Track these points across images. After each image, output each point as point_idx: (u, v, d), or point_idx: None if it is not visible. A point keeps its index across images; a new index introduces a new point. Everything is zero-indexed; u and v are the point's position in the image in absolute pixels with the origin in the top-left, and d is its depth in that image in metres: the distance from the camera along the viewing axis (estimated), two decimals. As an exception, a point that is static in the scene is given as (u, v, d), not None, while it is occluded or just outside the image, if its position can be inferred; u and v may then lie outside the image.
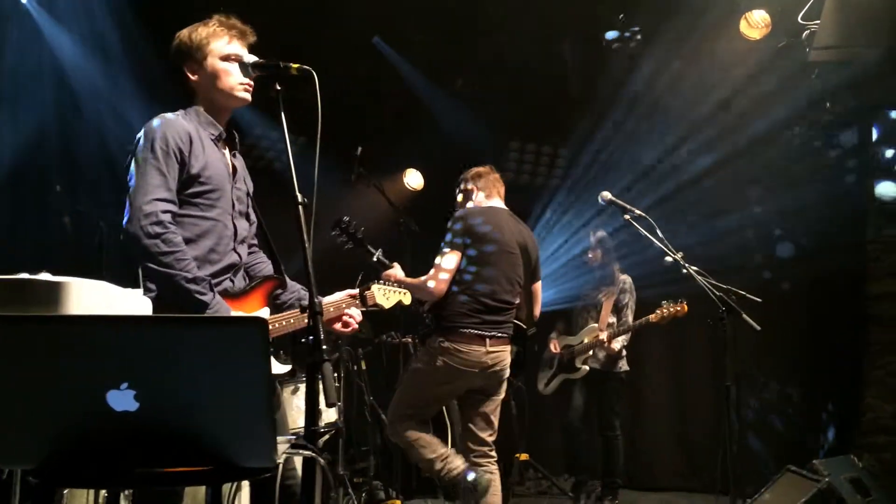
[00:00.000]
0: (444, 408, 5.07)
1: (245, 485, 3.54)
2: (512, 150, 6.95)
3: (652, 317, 5.37)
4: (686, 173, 6.53)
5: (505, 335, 4.10)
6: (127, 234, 2.51)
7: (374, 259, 4.09)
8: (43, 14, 5.39)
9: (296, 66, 2.49)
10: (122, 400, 1.46)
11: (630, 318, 5.63)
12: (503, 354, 4.08)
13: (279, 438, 1.85)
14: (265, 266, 3.00)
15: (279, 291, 2.89)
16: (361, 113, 7.41)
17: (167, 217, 2.53)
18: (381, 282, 3.42)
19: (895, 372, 5.47)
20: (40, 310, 1.74)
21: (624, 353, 5.68)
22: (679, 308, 5.28)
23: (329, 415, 4.72)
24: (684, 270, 4.38)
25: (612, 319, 5.65)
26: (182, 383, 1.48)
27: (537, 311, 4.52)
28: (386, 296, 3.39)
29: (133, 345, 1.45)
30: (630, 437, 6.64)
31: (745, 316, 4.10)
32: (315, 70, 2.48)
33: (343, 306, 2.98)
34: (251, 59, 2.62)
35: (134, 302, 2.02)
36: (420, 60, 6.89)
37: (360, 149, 4.95)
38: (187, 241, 2.59)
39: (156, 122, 2.67)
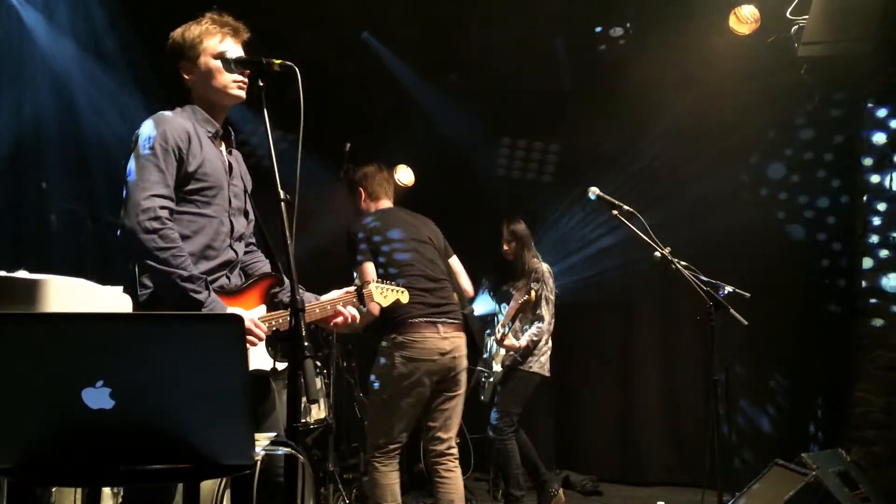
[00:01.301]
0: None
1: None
2: (503, 145, 6.93)
3: (512, 305, 5.28)
4: (677, 165, 6.54)
5: (455, 321, 4.05)
6: (124, 230, 2.53)
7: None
8: (29, 9, 5.36)
9: (278, 61, 2.49)
10: (98, 398, 1.46)
11: (544, 312, 5.34)
12: (458, 341, 4.03)
13: (260, 436, 1.85)
14: (262, 264, 3.01)
15: (276, 289, 2.91)
16: (352, 109, 7.41)
17: (165, 213, 2.55)
18: (379, 280, 3.46)
19: (885, 365, 5.48)
20: (19, 308, 1.74)
21: (539, 349, 5.34)
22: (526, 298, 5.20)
23: (319, 412, 4.71)
24: (678, 266, 4.41)
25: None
26: (157, 380, 1.48)
27: (466, 284, 4.42)
28: (383, 294, 3.42)
29: (107, 342, 1.44)
30: (620, 433, 6.68)
31: (732, 311, 4.12)
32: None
33: (340, 304, 3.01)
34: (234, 54, 2.62)
35: (114, 299, 2.01)
36: (410, 56, 6.88)
37: (348, 145, 4.92)
38: (184, 238, 2.61)
39: (154, 119, 2.68)
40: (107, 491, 3.12)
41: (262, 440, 1.80)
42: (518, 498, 5.20)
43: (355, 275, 4.04)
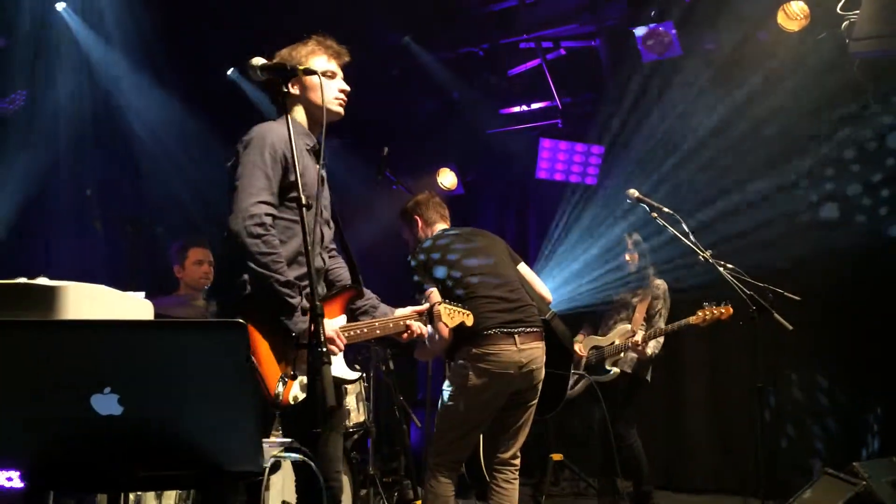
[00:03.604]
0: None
1: (275, 483, 3.58)
2: (544, 146, 6.88)
3: (692, 319, 5.13)
4: (726, 166, 6.41)
5: (533, 329, 3.91)
6: (230, 232, 2.65)
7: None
8: (78, 23, 5.52)
9: (302, 67, 2.55)
10: (107, 404, 1.48)
11: (662, 325, 5.40)
12: (536, 351, 3.89)
13: (273, 441, 1.86)
14: (343, 271, 3.16)
15: (357, 300, 3.08)
16: (394, 113, 7.46)
17: (269, 220, 2.67)
18: (448, 301, 3.56)
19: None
20: (38, 314, 1.77)
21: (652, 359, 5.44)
22: (723, 311, 5.06)
23: (358, 415, 4.72)
24: (721, 270, 4.31)
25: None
26: (165, 387, 1.49)
27: (542, 290, 4.31)
28: (451, 316, 3.53)
29: (114, 349, 1.46)
30: (667, 439, 6.56)
31: (776, 315, 4.00)
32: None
33: (410, 322, 3.16)
34: (259, 61, 2.64)
35: (134, 305, 2.04)
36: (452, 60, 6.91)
37: (385, 149, 4.91)
38: (280, 243, 2.71)
39: (263, 127, 2.81)
40: (149, 494, 3.18)
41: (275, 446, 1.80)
42: (650, 493, 5.33)
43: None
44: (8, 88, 5.27)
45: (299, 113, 2.97)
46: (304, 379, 2.58)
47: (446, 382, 3.98)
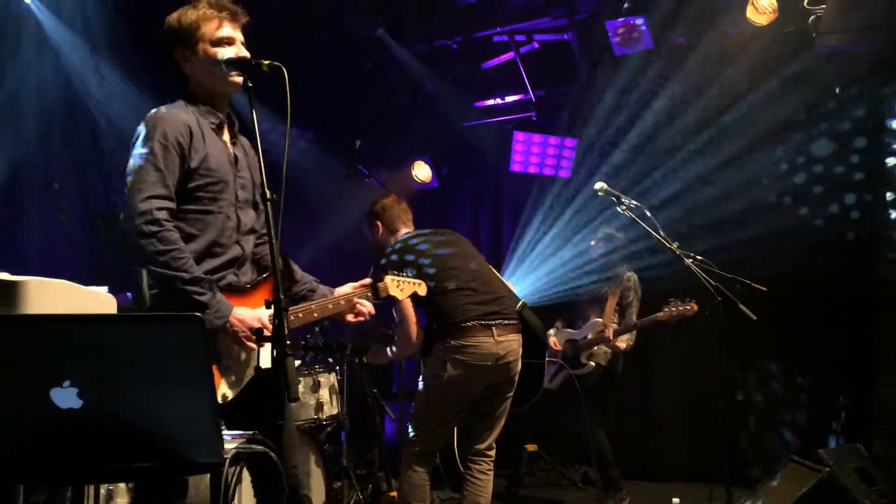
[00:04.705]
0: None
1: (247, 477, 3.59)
2: (518, 139, 6.92)
3: (660, 315, 5.25)
4: (694, 159, 6.47)
5: (511, 322, 3.95)
6: (124, 233, 2.50)
7: None
8: (47, 14, 5.47)
9: (266, 62, 2.50)
10: (66, 397, 1.50)
11: (634, 317, 5.48)
12: (513, 344, 3.93)
13: (234, 433, 1.87)
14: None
15: (287, 284, 2.87)
16: (368, 106, 7.46)
17: (163, 214, 2.49)
18: (395, 272, 3.34)
19: (908, 359, 5.39)
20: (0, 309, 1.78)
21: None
22: (688, 307, 5.17)
23: (331, 408, 4.73)
24: (688, 261, 4.38)
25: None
26: (124, 380, 1.51)
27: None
28: (400, 287, 3.29)
29: (72, 343, 1.47)
30: (638, 429, 6.64)
31: (741, 306, 4.08)
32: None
33: (354, 298, 2.95)
34: (225, 55, 2.63)
35: (97, 299, 2.05)
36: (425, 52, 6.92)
37: (358, 143, 4.92)
38: (190, 236, 2.57)
39: (152, 116, 2.61)
40: (122, 486, 3.18)
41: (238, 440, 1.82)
42: (617, 477, 5.36)
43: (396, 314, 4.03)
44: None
45: (199, 89, 2.73)
46: (233, 376, 2.53)
47: (421, 378, 4.01)
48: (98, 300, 2.08)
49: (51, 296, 1.83)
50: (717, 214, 6.23)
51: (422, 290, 3.43)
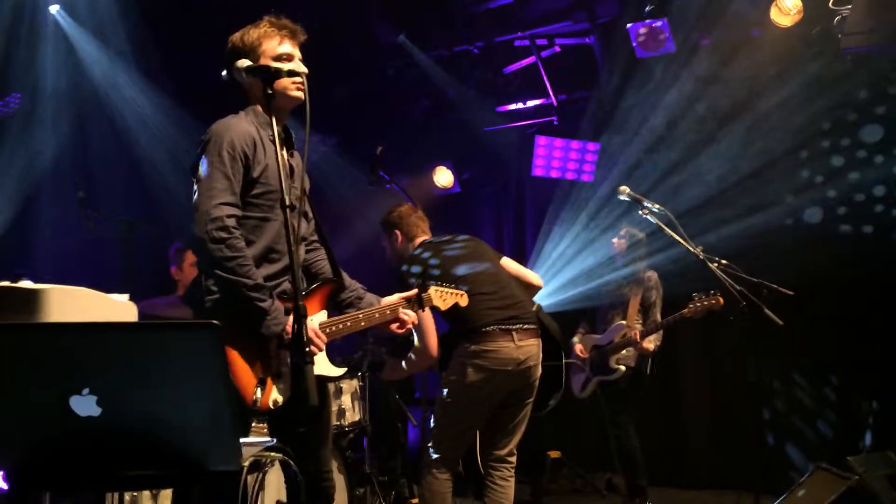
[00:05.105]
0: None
1: (272, 482, 3.59)
2: (540, 144, 6.90)
3: (685, 311, 5.15)
4: (721, 163, 6.41)
5: (530, 327, 3.92)
6: (193, 238, 2.58)
7: None
8: (72, 25, 5.54)
9: (286, 68, 2.52)
10: (85, 405, 1.50)
11: (658, 316, 5.41)
12: (533, 349, 3.90)
13: (254, 441, 1.87)
14: (324, 263, 3.03)
15: (338, 294, 2.95)
16: (389, 112, 7.48)
17: (232, 222, 2.57)
18: (439, 283, 3.40)
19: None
20: (21, 317, 1.79)
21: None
22: (713, 301, 5.08)
23: (353, 414, 4.73)
24: (712, 266, 4.32)
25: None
26: (141, 388, 1.51)
27: (531, 276, 4.33)
28: (443, 298, 3.37)
29: (91, 351, 1.48)
30: (661, 434, 6.57)
31: (766, 311, 4.01)
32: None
33: (399, 308, 3.02)
34: (244, 63, 2.65)
35: (118, 307, 2.06)
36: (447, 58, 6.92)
37: (380, 149, 4.91)
38: (248, 242, 2.64)
39: (220, 125, 2.71)
40: (146, 494, 3.20)
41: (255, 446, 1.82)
42: (645, 487, 5.30)
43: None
44: (2, 90, 5.30)
45: (259, 102, 2.79)
46: (283, 385, 2.54)
47: (443, 384, 3.99)
48: (119, 308, 2.09)
49: (72, 303, 1.84)
50: (742, 218, 6.16)
51: (463, 300, 3.47)
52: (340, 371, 2.84)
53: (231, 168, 2.62)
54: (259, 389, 2.46)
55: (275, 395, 2.52)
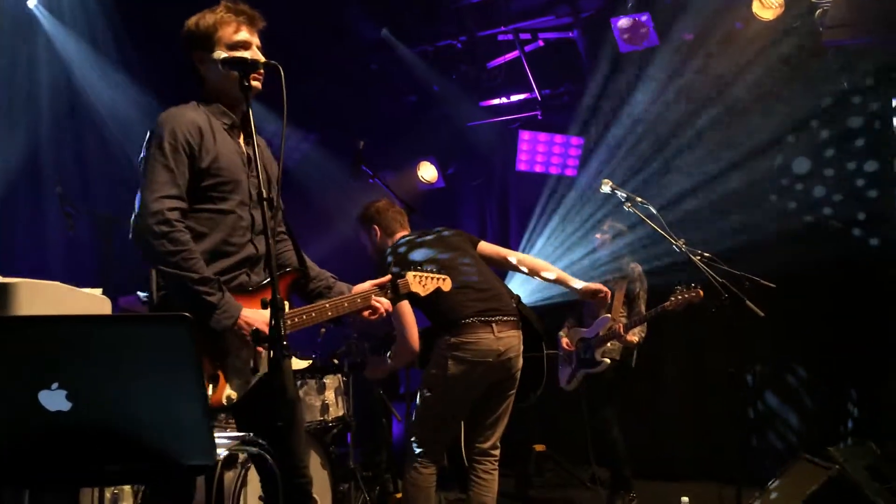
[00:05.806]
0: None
1: (254, 478, 3.57)
2: (524, 138, 6.89)
3: (667, 304, 5.19)
4: (702, 156, 6.43)
5: (510, 318, 3.92)
6: (134, 233, 2.51)
7: None
8: (49, 18, 5.48)
9: (262, 61, 2.50)
10: (55, 400, 1.48)
11: (643, 308, 5.45)
12: (514, 340, 3.90)
13: (231, 435, 1.85)
14: (290, 254, 2.94)
15: (303, 283, 2.86)
16: (373, 106, 7.45)
17: (174, 215, 2.49)
18: (418, 267, 3.27)
19: (921, 356, 5.33)
20: (-9, 311, 1.77)
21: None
22: (693, 294, 5.12)
23: (337, 409, 4.71)
24: (695, 259, 4.33)
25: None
26: (112, 382, 1.49)
27: (504, 252, 4.30)
28: (422, 283, 3.20)
29: (59, 345, 1.46)
30: (644, 426, 6.59)
31: (748, 302, 4.02)
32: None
33: (370, 296, 2.92)
34: (221, 55, 2.61)
35: (89, 301, 2.03)
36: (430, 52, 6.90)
37: (361, 143, 4.88)
38: (201, 235, 2.57)
39: (164, 116, 2.62)
40: (127, 489, 3.17)
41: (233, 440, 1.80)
42: (628, 477, 5.34)
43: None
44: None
45: (215, 92, 2.73)
46: (240, 379, 2.49)
47: (424, 377, 3.99)
48: (91, 301, 2.06)
49: (42, 297, 1.82)
50: (725, 211, 6.18)
51: (446, 285, 3.31)
52: (303, 364, 2.79)
53: (173, 159, 2.53)
54: (211, 386, 2.38)
55: (228, 392, 2.45)
